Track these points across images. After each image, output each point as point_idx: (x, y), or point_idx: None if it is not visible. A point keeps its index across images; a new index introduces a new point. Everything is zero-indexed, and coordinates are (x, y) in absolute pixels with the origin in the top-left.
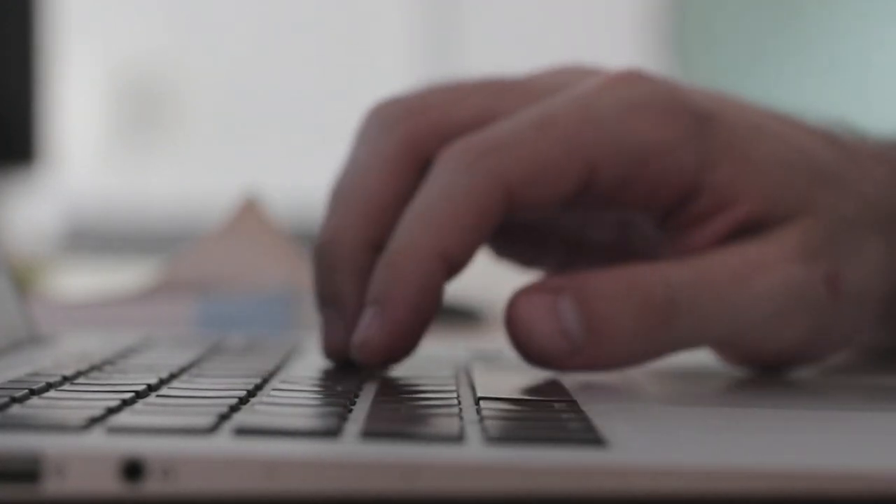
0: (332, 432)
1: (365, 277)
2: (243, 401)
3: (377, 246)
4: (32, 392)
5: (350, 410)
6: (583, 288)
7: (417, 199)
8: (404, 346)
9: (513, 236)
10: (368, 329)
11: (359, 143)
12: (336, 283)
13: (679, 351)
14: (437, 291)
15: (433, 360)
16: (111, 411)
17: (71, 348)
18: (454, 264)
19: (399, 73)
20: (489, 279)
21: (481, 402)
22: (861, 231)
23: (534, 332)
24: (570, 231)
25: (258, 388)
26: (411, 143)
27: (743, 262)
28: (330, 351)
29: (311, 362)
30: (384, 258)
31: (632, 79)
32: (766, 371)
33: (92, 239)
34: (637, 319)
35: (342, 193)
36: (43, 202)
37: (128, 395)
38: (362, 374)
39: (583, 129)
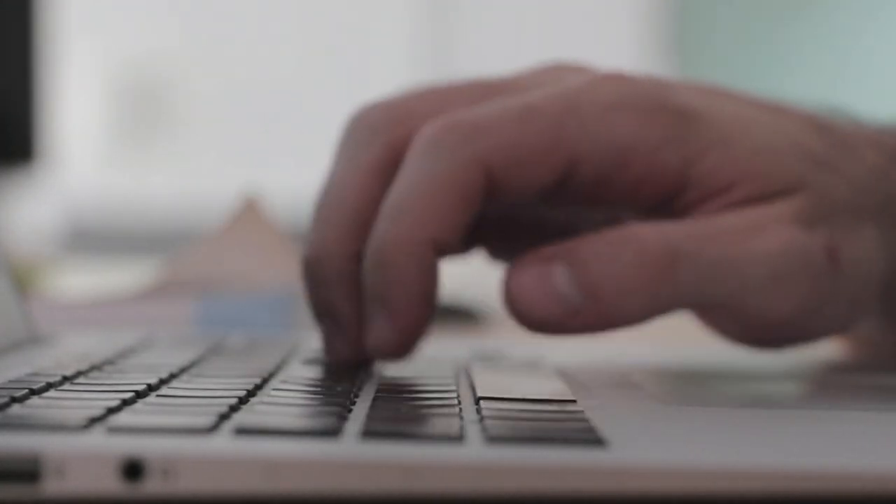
0: (332, 432)
1: (354, 287)
2: (243, 401)
3: (355, 256)
4: (32, 392)
5: (350, 410)
6: (574, 251)
7: (399, 184)
8: (416, 338)
9: (504, 236)
10: (380, 331)
11: (340, 153)
12: (329, 298)
13: (681, 308)
14: (434, 279)
15: (433, 360)
16: (111, 411)
17: (71, 348)
18: (443, 250)
19: (399, 75)
20: (488, 279)
21: (481, 402)
22: (854, 215)
23: (529, 301)
24: (557, 230)
25: (258, 388)
26: (392, 152)
27: (742, 221)
28: (335, 361)
29: (311, 362)
30: (375, 251)
31: (615, 78)
32: (765, 346)
33: (92, 239)
34: (634, 272)
35: (325, 206)
36: (43, 202)
37: (128, 395)
38: (362, 373)
39: (565, 121)
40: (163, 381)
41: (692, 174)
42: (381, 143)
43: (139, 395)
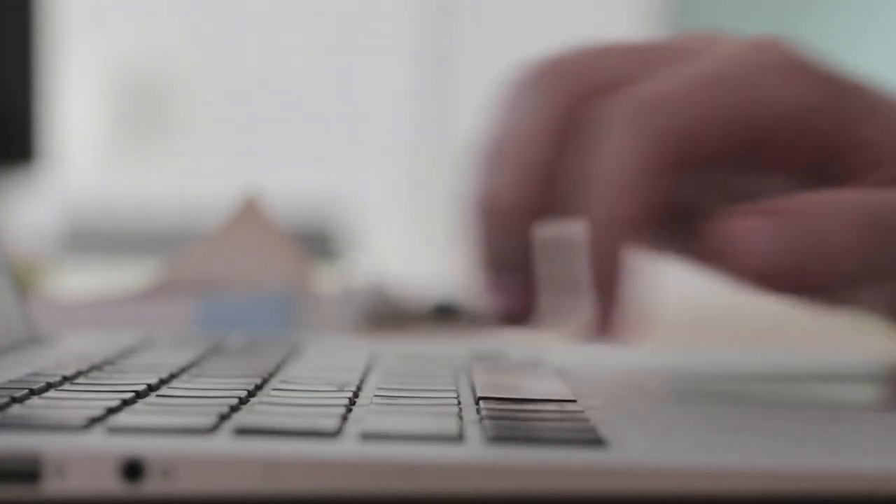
0: (332, 432)
1: (530, 241)
2: (243, 401)
3: (537, 209)
4: (32, 392)
5: (350, 410)
6: (797, 209)
7: (603, 164)
8: (618, 320)
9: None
10: (604, 314)
11: (512, 106)
12: (509, 249)
13: (883, 276)
14: (633, 260)
15: (433, 360)
16: (111, 411)
17: (71, 348)
18: (640, 229)
19: (400, 75)
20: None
21: (481, 402)
22: None
23: (751, 256)
24: (683, 208)
25: (258, 388)
26: (562, 106)
27: None
28: (505, 315)
29: (311, 362)
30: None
31: (773, 43)
32: None
33: (92, 239)
34: (853, 234)
35: (501, 155)
36: (43, 202)
37: (128, 395)
38: (362, 373)
39: (745, 86)
40: (163, 381)
41: (850, 140)
42: (551, 98)
43: (139, 395)
